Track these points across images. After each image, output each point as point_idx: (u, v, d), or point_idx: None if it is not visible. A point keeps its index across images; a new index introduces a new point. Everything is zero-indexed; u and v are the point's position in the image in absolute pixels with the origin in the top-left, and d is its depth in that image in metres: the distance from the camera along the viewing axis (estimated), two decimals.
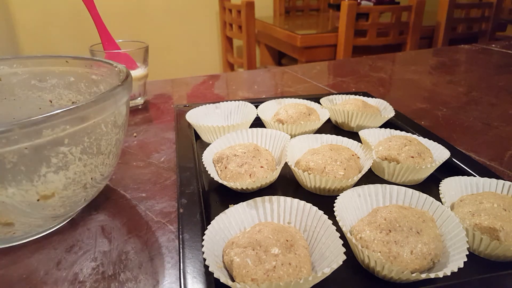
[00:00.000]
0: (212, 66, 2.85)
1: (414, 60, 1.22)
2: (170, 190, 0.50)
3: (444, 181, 0.45)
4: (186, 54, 2.71)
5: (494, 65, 1.16)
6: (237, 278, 0.32)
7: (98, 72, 0.49)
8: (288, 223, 0.40)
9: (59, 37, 2.32)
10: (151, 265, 0.38)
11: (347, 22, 1.74)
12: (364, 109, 0.64)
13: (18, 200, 0.34)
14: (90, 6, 0.67)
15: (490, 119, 0.75)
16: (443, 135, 0.62)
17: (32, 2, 2.22)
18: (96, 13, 0.68)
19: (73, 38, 2.32)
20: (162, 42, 2.57)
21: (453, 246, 0.35)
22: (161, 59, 2.53)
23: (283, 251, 0.33)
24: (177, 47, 2.66)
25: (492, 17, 2.09)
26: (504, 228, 0.37)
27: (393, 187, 0.42)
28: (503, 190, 0.44)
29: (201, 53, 2.79)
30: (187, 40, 2.67)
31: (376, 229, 0.36)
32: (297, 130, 0.60)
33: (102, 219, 0.44)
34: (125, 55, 0.73)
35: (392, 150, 0.50)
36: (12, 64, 0.49)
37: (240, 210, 0.39)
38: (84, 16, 0.72)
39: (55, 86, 0.51)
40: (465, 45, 1.40)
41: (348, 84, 0.97)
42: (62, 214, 0.40)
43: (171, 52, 2.65)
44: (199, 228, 0.38)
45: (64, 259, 0.38)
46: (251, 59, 2.16)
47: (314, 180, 0.46)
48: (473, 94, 0.90)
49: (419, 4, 1.82)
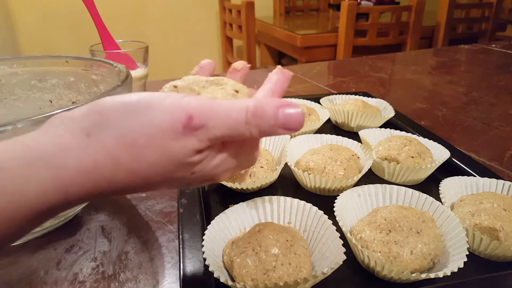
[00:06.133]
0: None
1: (414, 60, 1.22)
2: (170, 190, 0.50)
3: (444, 181, 0.45)
4: (186, 54, 2.70)
5: (494, 65, 1.16)
6: (237, 278, 0.32)
7: (98, 72, 0.49)
8: (288, 223, 0.40)
9: (59, 37, 2.32)
10: (151, 265, 0.38)
11: (347, 22, 1.74)
12: (364, 109, 0.64)
13: None
14: (90, 6, 0.67)
15: (490, 119, 0.75)
16: (443, 135, 0.62)
17: (32, 2, 2.21)
18: (96, 13, 0.68)
19: (73, 38, 2.32)
20: (162, 42, 2.57)
21: (453, 246, 0.35)
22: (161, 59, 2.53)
23: (283, 251, 0.33)
24: (177, 47, 2.65)
25: (492, 17, 2.09)
26: (504, 228, 0.37)
27: (393, 187, 0.42)
28: (503, 190, 0.44)
29: (201, 53, 2.78)
30: (187, 40, 2.67)
31: (376, 229, 0.36)
32: None
33: (102, 219, 0.44)
34: (125, 55, 0.73)
35: (392, 150, 0.50)
36: (12, 64, 0.49)
37: (240, 210, 0.39)
38: (84, 16, 0.72)
39: (55, 86, 0.51)
40: (465, 45, 1.40)
41: (348, 84, 0.97)
42: (62, 214, 0.40)
43: (171, 52, 2.65)
44: (199, 228, 0.38)
45: (64, 259, 0.38)
46: (251, 59, 2.16)
47: (314, 180, 0.46)
48: (473, 94, 0.90)
49: (419, 4, 1.82)
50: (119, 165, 0.20)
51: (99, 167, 0.20)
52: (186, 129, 0.21)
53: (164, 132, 0.21)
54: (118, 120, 0.21)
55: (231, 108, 0.22)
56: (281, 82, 0.28)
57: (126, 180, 0.21)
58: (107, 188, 0.21)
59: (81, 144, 0.20)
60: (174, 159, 0.21)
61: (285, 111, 0.22)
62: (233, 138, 0.22)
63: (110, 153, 0.20)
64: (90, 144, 0.20)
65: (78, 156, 0.20)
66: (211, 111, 0.21)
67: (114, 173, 0.20)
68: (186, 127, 0.21)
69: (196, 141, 0.21)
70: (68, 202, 0.20)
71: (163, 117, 0.21)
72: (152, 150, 0.21)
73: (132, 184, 0.21)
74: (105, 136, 0.20)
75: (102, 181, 0.20)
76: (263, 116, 0.22)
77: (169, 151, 0.21)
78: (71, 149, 0.20)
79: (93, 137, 0.20)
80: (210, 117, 0.21)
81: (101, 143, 0.20)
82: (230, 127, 0.22)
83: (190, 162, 0.22)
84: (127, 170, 0.21)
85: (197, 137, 0.21)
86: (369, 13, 1.78)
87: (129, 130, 0.20)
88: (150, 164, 0.21)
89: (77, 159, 0.20)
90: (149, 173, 0.21)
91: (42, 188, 0.19)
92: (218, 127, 0.22)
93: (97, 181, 0.20)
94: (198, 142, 0.21)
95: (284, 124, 0.22)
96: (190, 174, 0.23)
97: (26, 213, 0.19)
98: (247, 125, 0.22)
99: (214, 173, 0.24)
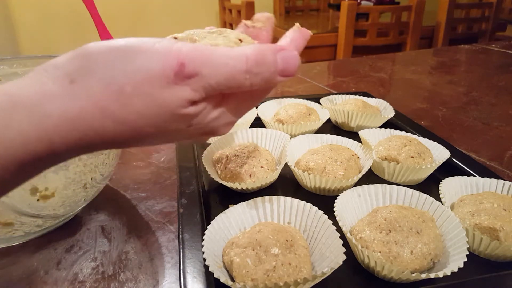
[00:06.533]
0: None
1: (414, 60, 1.22)
2: (170, 190, 0.50)
3: (444, 181, 0.45)
4: None
5: (494, 65, 1.16)
6: (237, 278, 0.32)
7: None
8: (288, 223, 0.40)
9: (59, 37, 2.32)
10: (151, 265, 0.38)
11: (347, 22, 1.74)
12: (364, 109, 0.64)
13: (18, 200, 0.34)
14: (90, 6, 0.67)
15: (490, 119, 0.75)
16: (443, 135, 0.62)
17: (32, 2, 2.22)
18: (96, 13, 0.68)
19: (73, 38, 2.32)
20: None
21: (453, 246, 0.35)
22: None
23: (283, 251, 0.33)
24: None
25: (492, 17, 2.09)
26: (504, 228, 0.37)
27: (393, 187, 0.42)
28: (503, 190, 0.44)
29: None
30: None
31: (376, 229, 0.36)
32: (297, 130, 0.60)
33: (102, 219, 0.44)
34: None
35: (392, 150, 0.50)
36: (12, 64, 0.49)
37: (240, 210, 0.39)
38: (84, 16, 0.72)
39: None
40: (465, 45, 1.40)
41: (348, 84, 0.97)
42: (62, 214, 0.40)
43: None
44: (199, 228, 0.38)
45: (64, 259, 0.38)
46: None
47: (314, 180, 0.46)
48: (473, 94, 0.90)
49: (419, 4, 1.82)
50: (107, 114, 0.19)
51: (85, 115, 0.19)
52: (177, 77, 0.19)
53: (153, 79, 0.19)
54: (104, 65, 0.19)
55: (228, 56, 0.20)
56: (298, 41, 0.26)
57: (116, 130, 0.20)
58: (95, 139, 0.20)
59: (64, 91, 0.19)
60: (165, 109, 0.20)
61: (282, 55, 0.21)
62: (231, 89, 0.21)
63: (96, 101, 0.19)
64: (74, 90, 0.19)
65: (62, 103, 0.19)
66: (205, 58, 0.20)
67: (102, 122, 0.19)
68: (177, 74, 0.19)
69: (190, 90, 0.20)
70: (55, 153, 0.19)
71: (152, 63, 0.19)
72: (140, 98, 0.19)
73: (122, 135, 0.20)
74: (90, 82, 0.19)
75: (89, 131, 0.19)
76: (264, 63, 0.21)
77: (159, 100, 0.20)
78: (54, 96, 0.19)
79: (78, 83, 0.19)
80: (205, 64, 0.20)
81: (86, 90, 0.19)
82: (227, 76, 0.20)
83: (184, 114, 0.20)
84: (115, 119, 0.19)
85: (190, 86, 0.20)
86: (369, 13, 1.78)
87: (116, 76, 0.19)
88: (140, 113, 0.20)
89: (61, 107, 0.19)
90: (139, 123, 0.20)
91: (24, 136, 0.18)
92: (214, 76, 0.20)
93: (83, 130, 0.19)
94: (192, 91, 0.20)
95: (283, 69, 0.21)
96: (186, 126, 0.21)
97: (7, 164, 0.18)
98: (246, 74, 0.20)
99: (213, 126, 0.23)
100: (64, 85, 0.19)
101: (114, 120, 0.19)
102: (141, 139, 0.21)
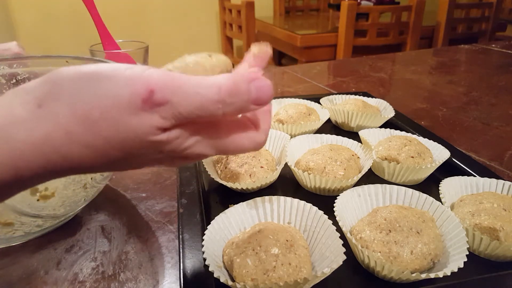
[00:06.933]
0: None
1: (414, 60, 1.22)
2: (170, 190, 0.50)
3: (444, 181, 0.45)
4: (186, 54, 2.71)
5: (494, 65, 1.16)
6: (237, 278, 0.32)
7: None
8: (288, 223, 0.40)
9: (59, 37, 2.32)
10: (151, 265, 0.38)
11: (347, 22, 1.74)
12: (364, 109, 0.64)
13: (18, 200, 0.34)
14: (90, 6, 0.67)
15: (490, 119, 0.75)
16: (443, 135, 0.62)
17: (32, 2, 2.22)
18: (96, 13, 0.68)
19: (73, 38, 2.32)
20: (162, 42, 2.57)
21: (453, 246, 0.35)
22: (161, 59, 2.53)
23: (283, 251, 0.33)
24: (177, 47, 2.65)
25: (492, 17, 2.09)
26: (504, 228, 0.37)
27: (393, 187, 0.42)
28: (503, 190, 0.44)
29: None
30: (187, 40, 2.67)
31: (376, 229, 0.36)
32: (297, 130, 0.60)
33: (102, 219, 0.44)
34: (125, 55, 0.73)
35: (392, 150, 0.50)
36: (12, 64, 0.49)
37: (240, 210, 0.39)
38: (84, 16, 0.72)
39: None
40: (465, 45, 1.40)
41: (348, 84, 0.97)
42: (62, 214, 0.40)
43: (171, 52, 2.65)
44: (199, 228, 0.38)
45: (64, 259, 0.38)
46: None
47: (314, 180, 0.46)
48: (473, 94, 0.90)
49: (419, 4, 1.82)
50: (73, 138, 0.19)
51: (51, 140, 0.19)
52: (145, 104, 0.19)
53: (120, 105, 0.19)
54: (73, 89, 0.19)
55: (200, 85, 0.20)
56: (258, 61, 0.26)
57: (82, 154, 0.19)
58: (62, 164, 0.19)
59: (31, 115, 0.19)
60: (132, 135, 0.20)
61: (256, 84, 0.21)
62: (203, 118, 0.21)
63: (62, 125, 0.19)
64: (41, 115, 0.19)
65: (28, 128, 0.18)
66: (176, 86, 0.20)
67: (68, 147, 0.19)
68: (145, 101, 0.19)
69: (159, 118, 0.20)
70: (21, 179, 0.19)
71: (121, 89, 0.19)
72: (108, 123, 0.19)
73: (89, 160, 0.20)
74: (57, 106, 0.19)
75: (55, 156, 0.19)
76: (237, 93, 0.21)
77: (127, 126, 0.19)
78: (20, 121, 0.18)
79: (45, 108, 0.19)
80: (175, 92, 0.20)
81: (53, 114, 0.19)
82: (198, 105, 0.20)
83: (154, 141, 0.20)
84: (82, 143, 0.19)
85: (159, 114, 0.20)
86: (369, 13, 1.78)
87: (83, 101, 0.19)
88: (107, 138, 0.19)
89: (26, 131, 0.18)
90: (106, 148, 0.20)
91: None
92: (184, 105, 0.20)
93: (49, 155, 0.19)
94: (161, 119, 0.20)
95: (257, 98, 0.21)
96: (157, 153, 0.21)
97: None
98: (218, 104, 0.20)
99: (186, 154, 0.22)
100: (31, 109, 0.19)
101: (80, 144, 0.19)
102: (109, 164, 0.21)
